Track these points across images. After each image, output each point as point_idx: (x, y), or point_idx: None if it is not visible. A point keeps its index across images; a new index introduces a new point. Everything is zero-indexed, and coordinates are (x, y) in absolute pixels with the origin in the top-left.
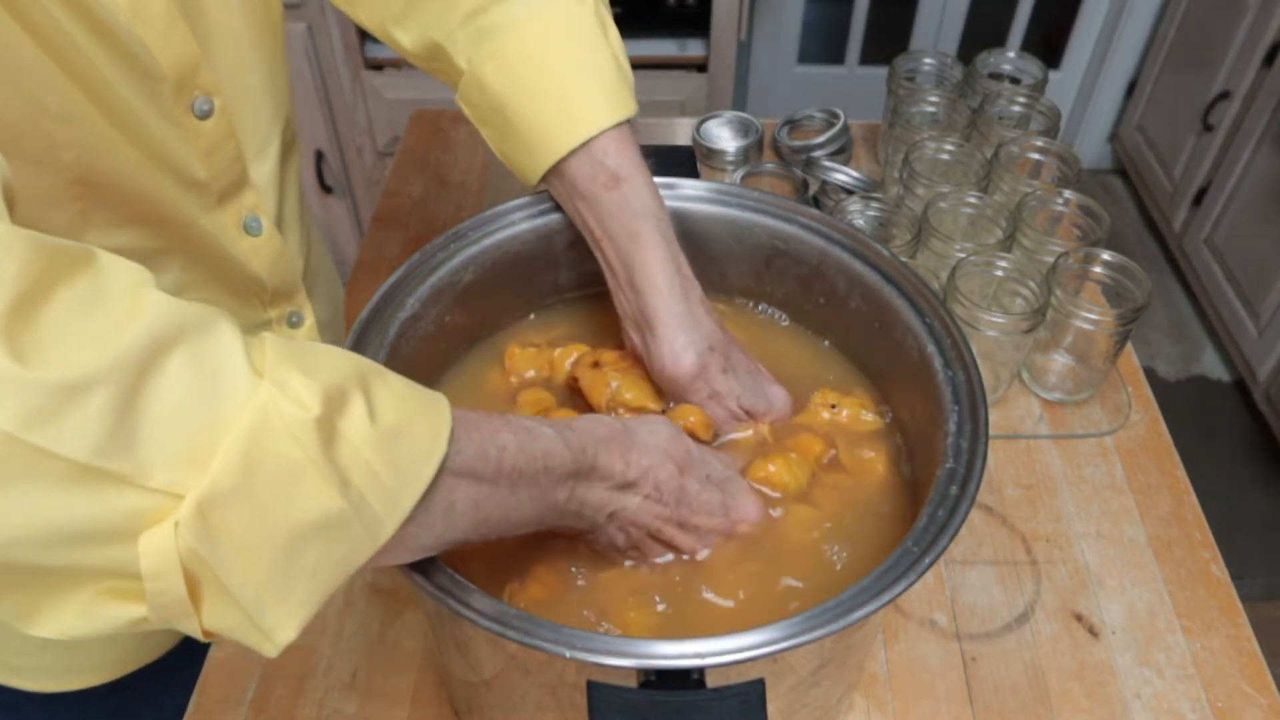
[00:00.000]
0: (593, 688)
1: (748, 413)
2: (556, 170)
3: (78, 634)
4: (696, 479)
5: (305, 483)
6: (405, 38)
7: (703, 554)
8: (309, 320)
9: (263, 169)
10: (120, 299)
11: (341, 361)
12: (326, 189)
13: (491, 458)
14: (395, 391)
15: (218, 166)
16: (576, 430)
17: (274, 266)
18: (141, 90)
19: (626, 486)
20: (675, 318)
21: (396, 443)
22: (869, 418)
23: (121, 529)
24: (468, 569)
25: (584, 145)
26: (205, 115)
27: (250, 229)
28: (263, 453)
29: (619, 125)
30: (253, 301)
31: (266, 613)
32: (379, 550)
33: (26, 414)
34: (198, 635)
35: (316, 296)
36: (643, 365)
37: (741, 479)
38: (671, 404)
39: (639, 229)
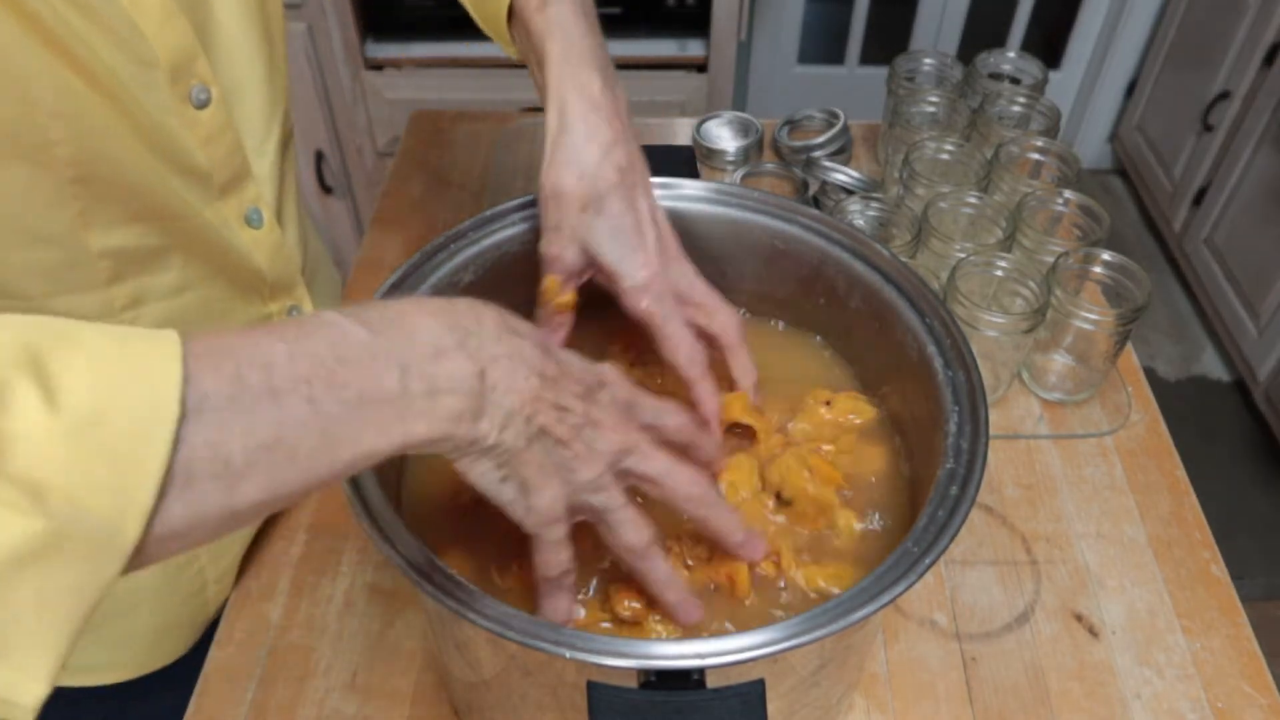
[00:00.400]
0: (593, 688)
1: (595, 263)
2: (513, 12)
3: None
4: (552, 351)
5: None
6: None
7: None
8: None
9: (263, 161)
10: None
11: None
12: (326, 189)
13: (254, 382)
14: (93, 355)
15: (217, 157)
16: (370, 307)
17: (274, 259)
18: (138, 78)
19: (466, 338)
20: (560, 134)
21: (98, 426)
22: (861, 412)
23: None
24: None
25: None
26: (203, 105)
27: (252, 221)
28: None
29: None
30: (253, 296)
31: None
32: (134, 554)
33: None
34: None
35: (316, 291)
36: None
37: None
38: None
39: (547, 46)
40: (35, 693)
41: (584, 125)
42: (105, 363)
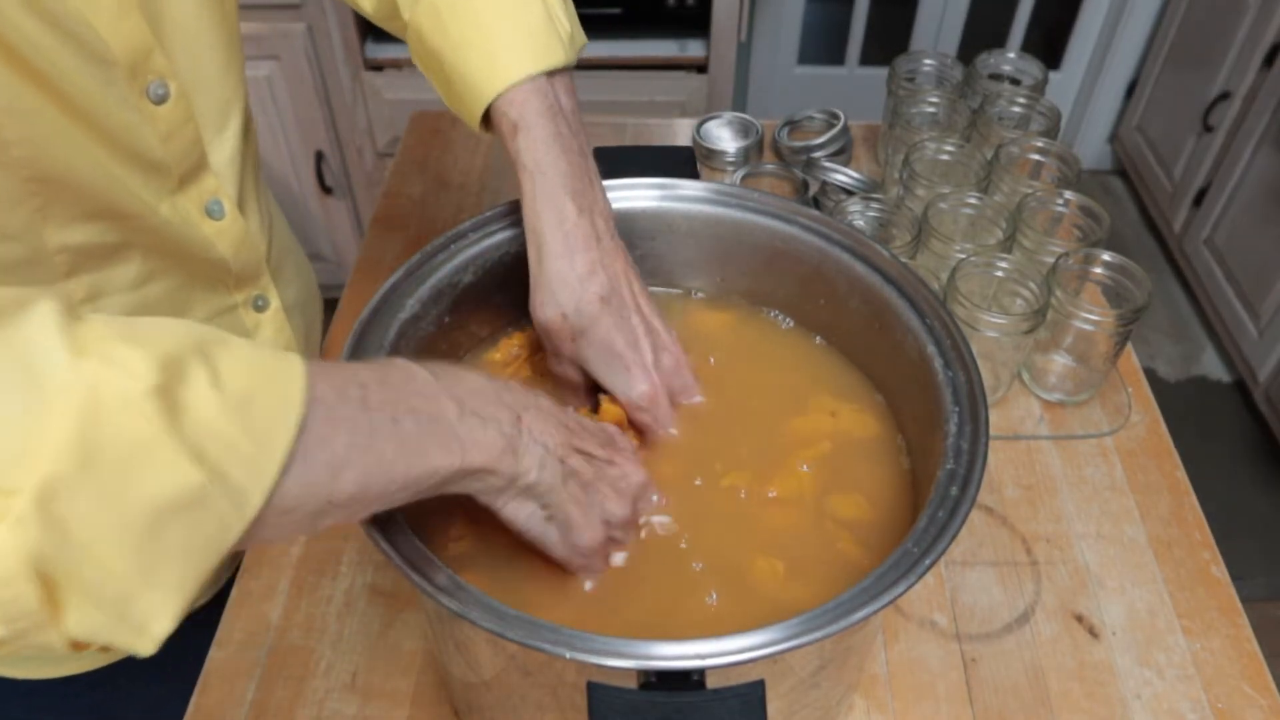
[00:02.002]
0: (593, 688)
1: (599, 384)
2: (487, 117)
3: None
4: (569, 413)
5: (155, 457)
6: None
7: (632, 475)
8: (274, 303)
9: (222, 152)
10: None
11: (176, 330)
12: (326, 190)
13: (353, 397)
14: (241, 357)
15: (177, 150)
16: (425, 365)
17: (238, 249)
18: (95, 77)
19: (507, 395)
20: (541, 274)
21: (249, 407)
22: (865, 426)
23: None
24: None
25: (500, 96)
26: (161, 100)
27: (212, 213)
28: (100, 432)
29: (543, 74)
30: (218, 287)
31: (134, 605)
32: (253, 522)
33: None
34: (61, 649)
35: (283, 279)
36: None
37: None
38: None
39: (523, 182)
40: (164, 628)
41: (558, 260)
42: (252, 360)
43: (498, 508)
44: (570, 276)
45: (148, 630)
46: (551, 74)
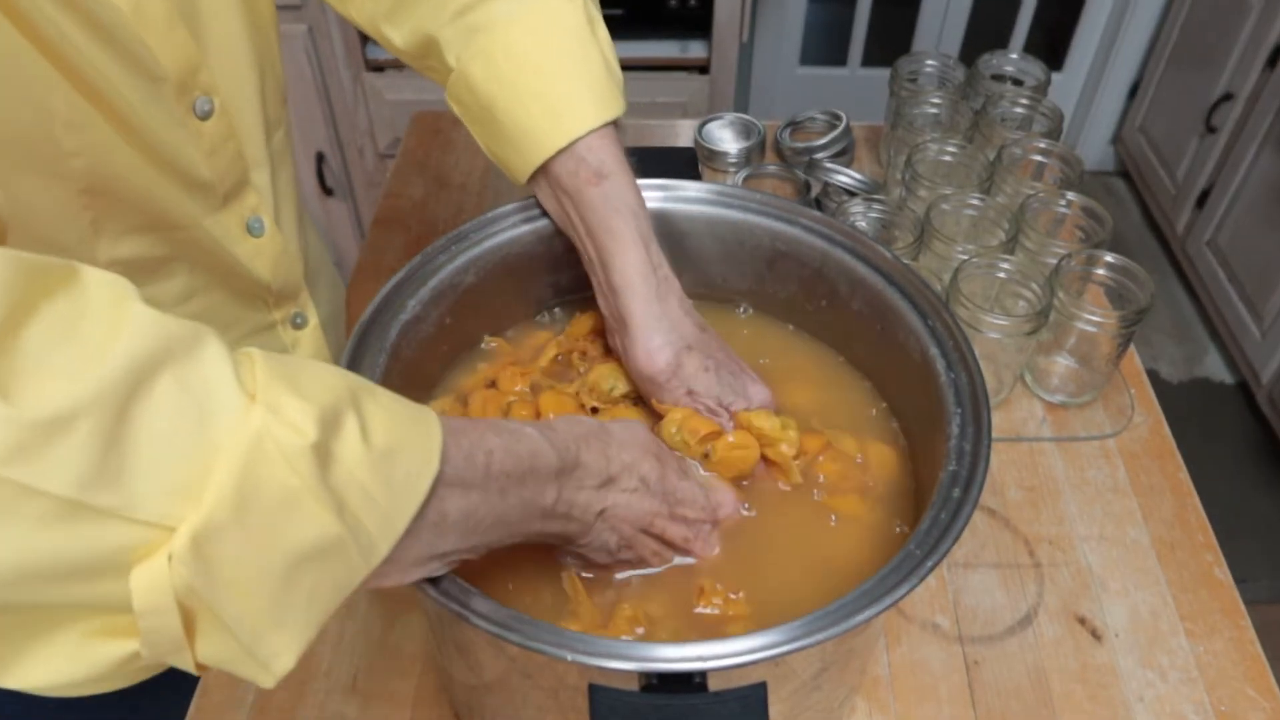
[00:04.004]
0: (594, 691)
1: (727, 409)
2: (544, 169)
3: (62, 680)
4: (675, 472)
5: (301, 509)
6: (396, 35)
7: (700, 549)
8: (312, 321)
9: (263, 169)
10: (102, 317)
11: (334, 380)
12: (327, 191)
13: (479, 464)
14: (386, 409)
15: (220, 167)
16: (558, 429)
17: (276, 267)
18: (144, 92)
19: (610, 481)
20: (650, 318)
21: (390, 462)
22: (886, 463)
23: (112, 564)
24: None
25: (570, 145)
26: (206, 115)
27: (253, 230)
28: (258, 481)
29: (605, 125)
30: (257, 304)
31: (264, 643)
32: (373, 572)
33: (8, 450)
34: (190, 669)
35: (318, 296)
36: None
37: (710, 474)
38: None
39: (617, 226)
40: (287, 665)
41: (667, 301)
42: (396, 416)
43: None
44: (678, 314)
45: (271, 666)
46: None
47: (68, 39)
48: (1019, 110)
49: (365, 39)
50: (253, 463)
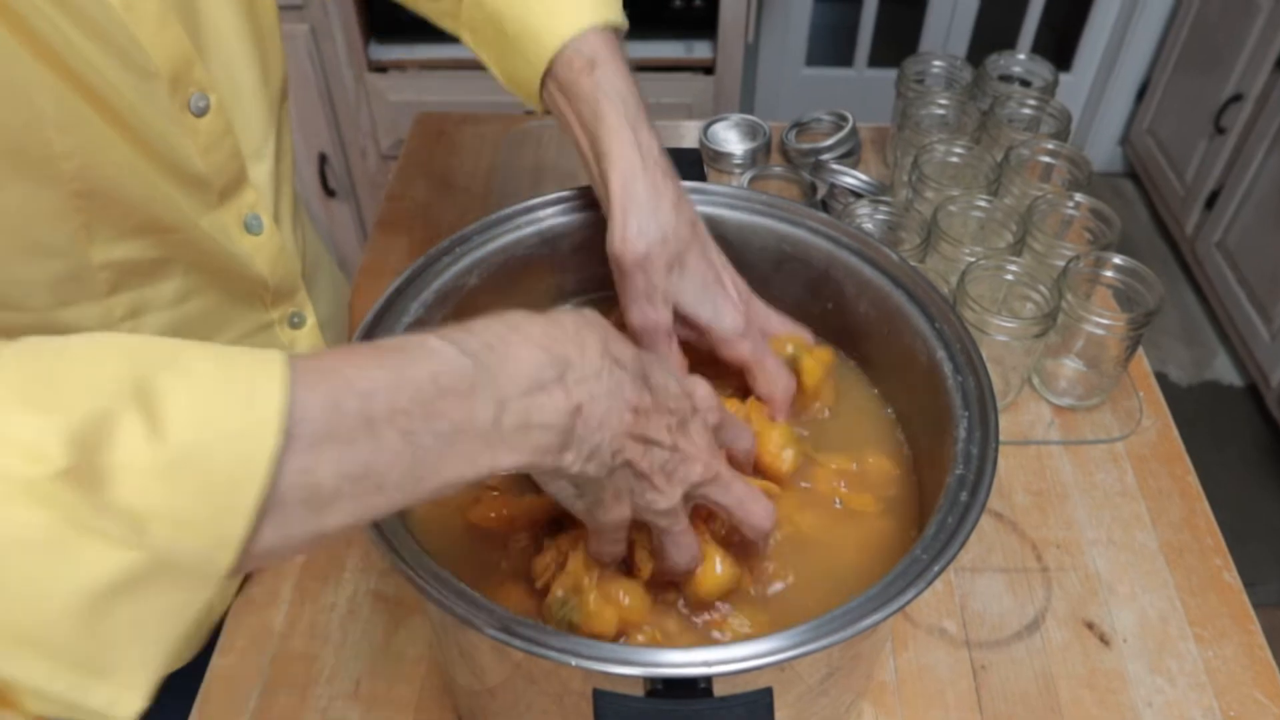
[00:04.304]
0: (599, 696)
1: (689, 321)
2: (549, 73)
3: None
4: (651, 377)
5: (69, 549)
6: None
7: (716, 469)
8: (310, 320)
9: (261, 166)
10: None
11: (110, 368)
12: (330, 192)
13: (352, 410)
14: (196, 382)
15: (216, 163)
16: (473, 329)
17: (275, 265)
18: (138, 89)
19: (567, 366)
20: (630, 201)
21: (201, 455)
22: (886, 474)
23: None
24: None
25: (570, 40)
26: (202, 112)
27: (251, 228)
28: None
29: (606, 29)
30: (254, 304)
31: (92, 694)
32: (235, 567)
33: None
34: None
35: (317, 294)
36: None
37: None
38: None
39: (604, 109)
40: (135, 705)
41: (653, 187)
42: (211, 391)
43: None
44: (665, 203)
45: (114, 714)
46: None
47: (60, 34)
48: (1026, 111)
49: (368, 39)
50: None
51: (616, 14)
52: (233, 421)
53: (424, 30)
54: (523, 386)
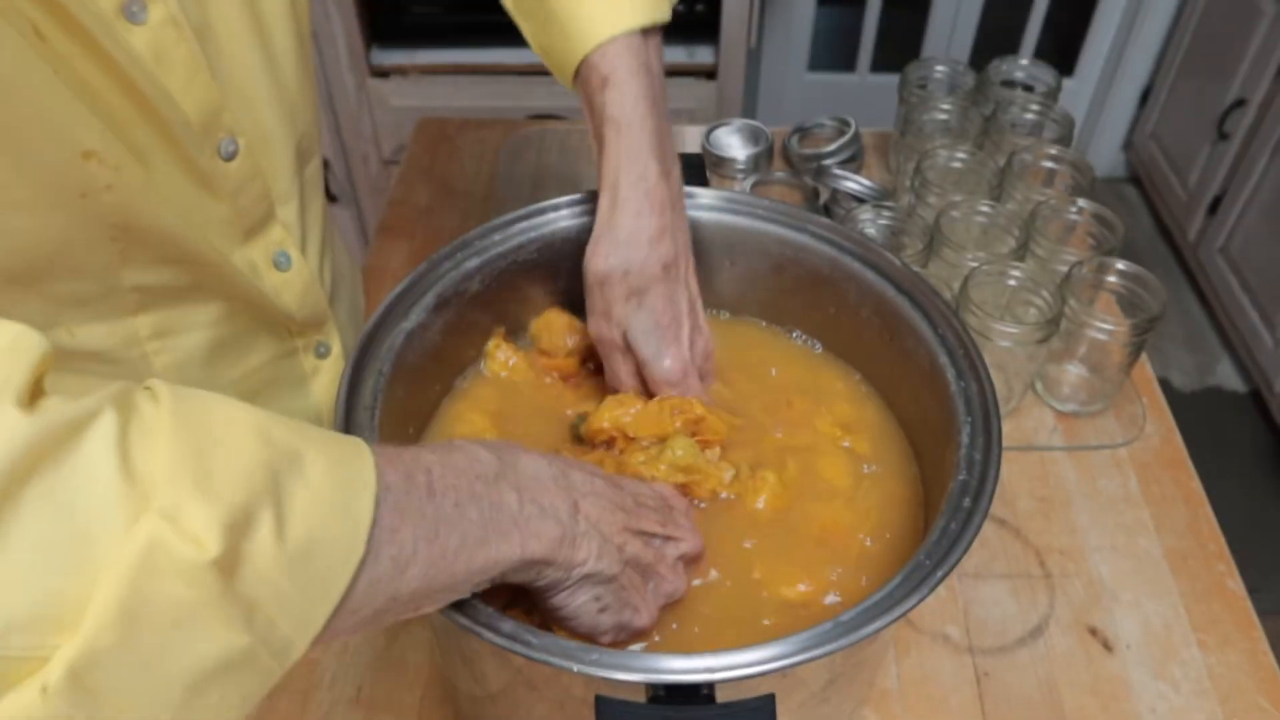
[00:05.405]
0: (601, 703)
1: (631, 350)
2: (577, 74)
3: None
4: (625, 487)
5: (201, 627)
6: None
7: (691, 542)
8: (335, 349)
9: (290, 204)
10: None
11: (255, 458)
12: (331, 198)
13: (421, 482)
14: (312, 486)
15: (244, 205)
16: (485, 441)
17: (303, 299)
18: (166, 139)
19: (565, 474)
20: (607, 226)
21: (310, 557)
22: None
23: None
24: None
25: (595, 49)
26: (231, 156)
27: (279, 264)
28: (147, 599)
29: (639, 32)
30: (280, 331)
31: None
32: (300, 657)
33: None
34: None
35: (341, 318)
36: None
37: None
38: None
39: (606, 134)
40: None
41: (634, 217)
42: (322, 494)
43: (549, 598)
44: (641, 236)
45: None
46: (647, 32)
47: (91, 85)
48: (1029, 116)
49: (369, 44)
50: (141, 580)
51: (663, 8)
52: (337, 527)
53: (425, 35)
54: (532, 482)
